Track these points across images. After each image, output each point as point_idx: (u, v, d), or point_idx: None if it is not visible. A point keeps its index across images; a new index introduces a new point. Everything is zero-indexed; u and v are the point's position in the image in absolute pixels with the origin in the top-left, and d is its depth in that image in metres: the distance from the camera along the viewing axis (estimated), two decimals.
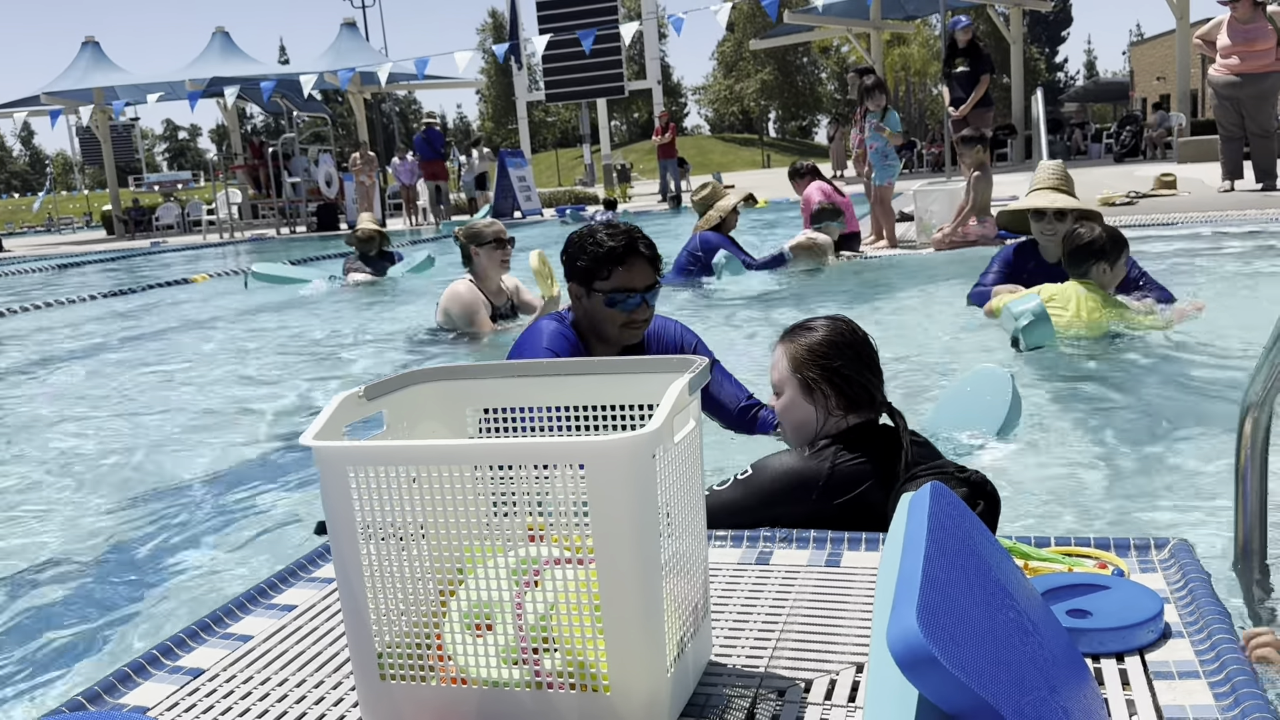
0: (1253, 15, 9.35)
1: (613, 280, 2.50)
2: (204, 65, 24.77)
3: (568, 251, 2.57)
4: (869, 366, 2.14)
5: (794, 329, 2.20)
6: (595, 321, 2.56)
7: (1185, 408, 3.26)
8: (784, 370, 2.16)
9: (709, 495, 2.15)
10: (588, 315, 2.56)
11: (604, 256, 2.49)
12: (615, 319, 2.53)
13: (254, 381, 5.24)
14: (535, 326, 2.67)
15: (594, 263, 2.50)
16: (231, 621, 1.82)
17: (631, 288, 2.50)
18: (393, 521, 1.30)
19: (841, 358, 2.12)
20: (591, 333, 2.60)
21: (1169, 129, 20.90)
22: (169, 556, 2.70)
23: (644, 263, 2.51)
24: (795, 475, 2.07)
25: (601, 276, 2.50)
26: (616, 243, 2.50)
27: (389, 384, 1.50)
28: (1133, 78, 47.80)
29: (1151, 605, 1.49)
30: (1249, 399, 1.58)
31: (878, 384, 2.14)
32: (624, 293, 2.50)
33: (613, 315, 2.52)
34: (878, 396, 2.12)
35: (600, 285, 2.51)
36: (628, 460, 1.21)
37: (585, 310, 2.56)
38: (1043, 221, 4.60)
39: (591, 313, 2.55)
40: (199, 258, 16.04)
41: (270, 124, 52.18)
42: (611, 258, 2.49)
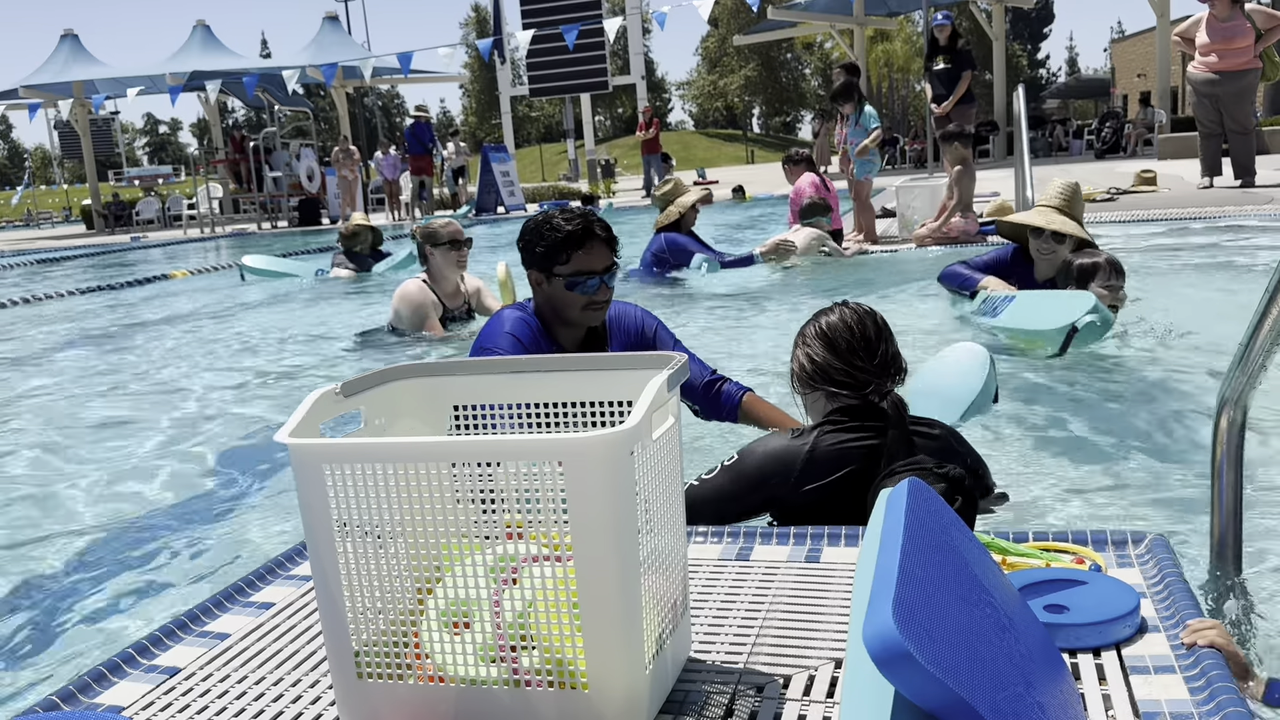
0: (1231, 13, 9.39)
1: (572, 264, 2.53)
2: (185, 59, 24.61)
3: (525, 239, 2.59)
4: (858, 352, 2.12)
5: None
6: (557, 306, 2.59)
7: (1161, 403, 3.28)
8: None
9: (697, 485, 2.15)
10: (549, 300, 2.59)
11: (561, 241, 2.52)
12: (576, 302, 2.56)
13: (231, 377, 5.20)
14: (497, 315, 2.70)
15: (552, 248, 2.53)
16: (208, 619, 1.81)
17: (591, 270, 2.53)
18: (369, 519, 1.29)
19: (822, 341, 2.13)
20: (554, 318, 2.63)
21: (1150, 125, 21.02)
22: (143, 554, 2.68)
23: (601, 245, 2.55)
24: (776, 457, 2.08)
25: (560, 261, 2.53)
26: (574, 226, 2.53)
27: (366, 381, 1.49)
28: (1114, 74, 48.06)
29: (1128, 601, 1.49)
30: (1224, 395, 1.59)
31: (870, 370, 2.12)
32: (584, 275, 2.53)
33: (573, 298, 2.56)
34: (867, 382, 2.11)
35: (560, 269, 2.54)
36: (606, 457, 1.21)
37: (546, 296, 2.59)
38: (1040, 239, 4.62)
39: (553, 297, 2.58)
40: (180, 253, 15.93)
41: (252, 118, 51.89)
42: (569, 241, 2.52)
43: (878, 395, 2.09)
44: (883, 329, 2.17)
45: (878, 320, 2.18)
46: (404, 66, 20.15)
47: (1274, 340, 1.50)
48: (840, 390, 2.10)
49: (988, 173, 15.04)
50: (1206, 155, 10.16)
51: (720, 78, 70.61)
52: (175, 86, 21.56)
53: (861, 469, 2.03)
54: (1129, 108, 36.04)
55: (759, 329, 5.34)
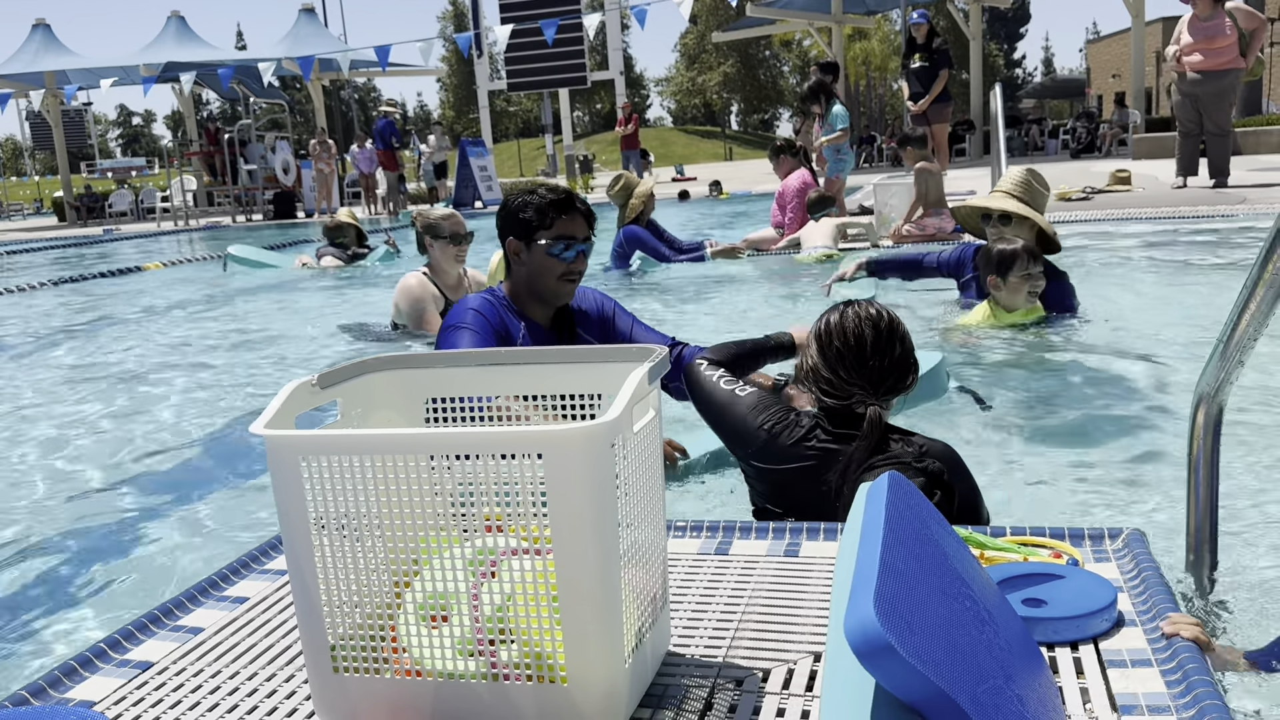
0: (1213, 12, 9.39)
1: (555, 229, 2.60)
2: (159, 50, 24.33)
3: (506, 210, 2.65)
4: (846, 361, 2.06)
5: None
6: (534, 275, 2.63)
7: (1137, 398, 3.30)
8: None
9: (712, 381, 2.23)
10: (527, 271, 2.64)
11: (547, 206, 2.61)
12: (554, 269, 2.61)
13: (207, 370, 5.15)
14: (463, 300, 2.71)
15: (538, 213, 2.60)
16: (182, 614, 1.79)
17: (572, 236, 2.61)
18: (346, 512, 1.28)
19: (818, 342, 2.09)
20: (528, 293, 2.66)
21: (1125, 125, 21.20)
22: (117, 547, 2.65)
23: (581, 216, 2.64)
24: (743, 425, 2.12)
25: (545, 226, 2.60)
26: (557, 195, 2.64)
27: (342, 372, 1.48)
28: (1089, 75, 48.47)
29: (1105, 594, 1.50)
30: (1200, 391, 1.60)
31: (854, 381, 2.05)
32: (566, 240, 2.59)
33: (552, 265, 2.61)
34: (849, 392, 2.06)
35: (543, 235, 2.60)
36: (586, 449, 1.20)
37: (524, 265, 2.64)
38: (989, 224, 4.61)
39: (531, 266, 2.63)
40: (153, 245, 15.77)
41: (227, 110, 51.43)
42: (555, 206, 2.61)
43: (861, 405, 2.04)
44: (885, 337, 2.06)
45: (882, 327, 2.06)
46: (381, 61, 20.02)
47: (1250, 337, 1.51)
48: (823, 396, 2.07)
49: (964, 171, 15.11)
50: (1183, 155, 10.20)
51: (699, 74, 70.61)
52: (149, 78, 21.33)
53: (812, 468, 2.03)
54: (1104, 108, 36.37)
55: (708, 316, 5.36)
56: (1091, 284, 5.67)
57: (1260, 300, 1.47)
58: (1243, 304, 1.50)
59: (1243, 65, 9.46)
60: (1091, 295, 5.32)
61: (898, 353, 2.05)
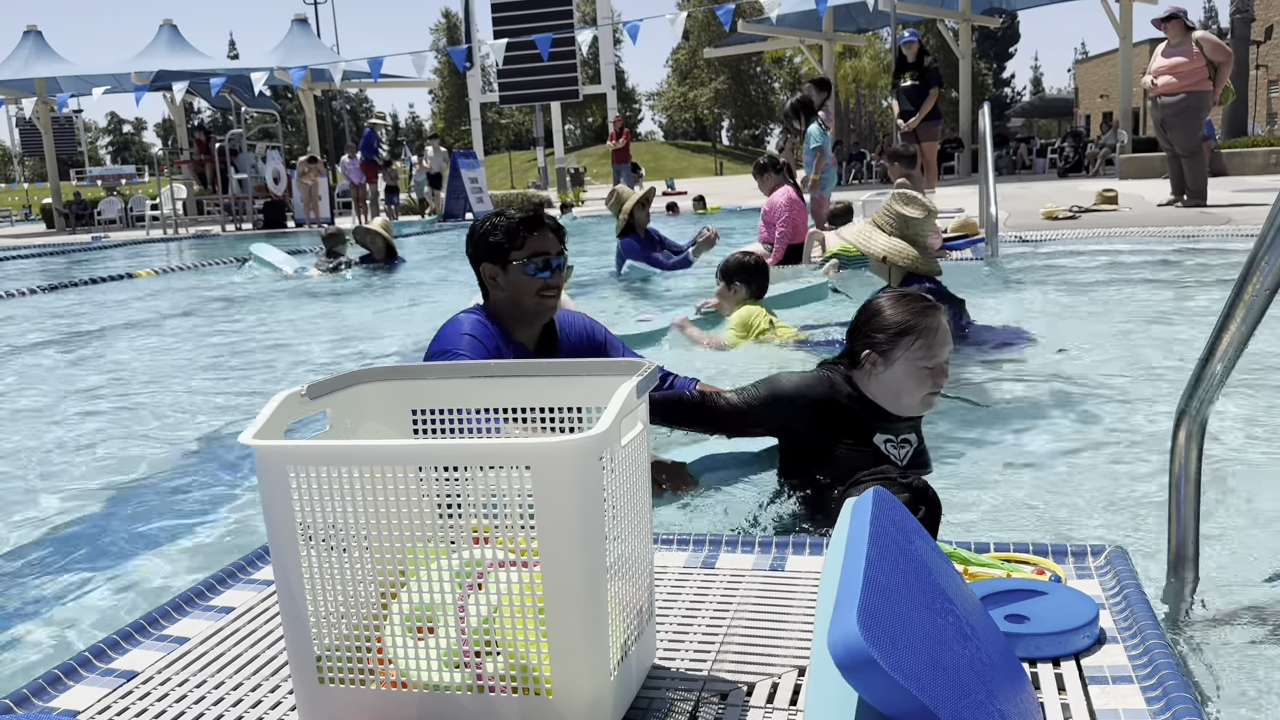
0: (1183, 39, 9.70)
1: (527, 247, 2.62)
2: (151, 58, 24.31)
3: (475, 237, 2.68)
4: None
5: None
6: (514, 296, 2.65)
7: (1119, 415, 3.32)
8: None
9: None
10: (505, 293, 2.65)
11: (516, 226, 2.63)
12: (532, 286, 2.63)
13: (197, 378, 5.13)
14: (454, 320, 2.71)
15: (507, 234, 2.63)
16: (168, 623, 1.78)
17: (545, 251, 2.63)
18: (334, 523, 1.28)
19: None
20: (510, 314, 2.67)
21: (1112, 146, 21.36)
22: (104, 555, 2.64)
23: (550, 232, 2.67)
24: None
25: (516, 246, 2.62)
26: (524, 214, 2.66)
27: (332, 383, 1.48)
28: (1077, 94, 48.81)
29: (1087, 611, 1.51)
30: (1181, 409, 1.62)
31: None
32: (540, 256, 2.62)
33: (530, 283, 2.63)
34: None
35: (516, 256, 2.62)
36: (574, 463, 1.21)
37: (502, 289, 2.65)
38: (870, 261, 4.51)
39: (509, 288, 2.64)
40: (143, 253, 15.72)
41: (218, 119, 51.42)
42: (524, 225, 2.63)
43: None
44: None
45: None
46: (374, 72, 20.06)
47: (1231, 356, 1.53)
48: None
49: (952, 189, 15.19)
50: (1173, 174, 10.45)
51: (690, 89, 70.83)
52: (141, 86, 21.30)
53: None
54: (1091, 128, 36.64)
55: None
56: (1075, 301, 5.72)
57: (1239, 321, 1.49)
58: (1221, 324, 1.52)
59: (1208, 88, 9.70)
60: (1074, 313, 5.37)
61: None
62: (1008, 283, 6.58)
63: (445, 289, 8.18)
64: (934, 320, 2.31)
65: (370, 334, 6.03)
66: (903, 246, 4.07)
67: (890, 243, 4.09)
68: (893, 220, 4.12)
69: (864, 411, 2.38)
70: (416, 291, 8.27)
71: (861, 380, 2.39)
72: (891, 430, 2.40)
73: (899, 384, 2.33)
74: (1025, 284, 6.49)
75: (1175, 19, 9.72)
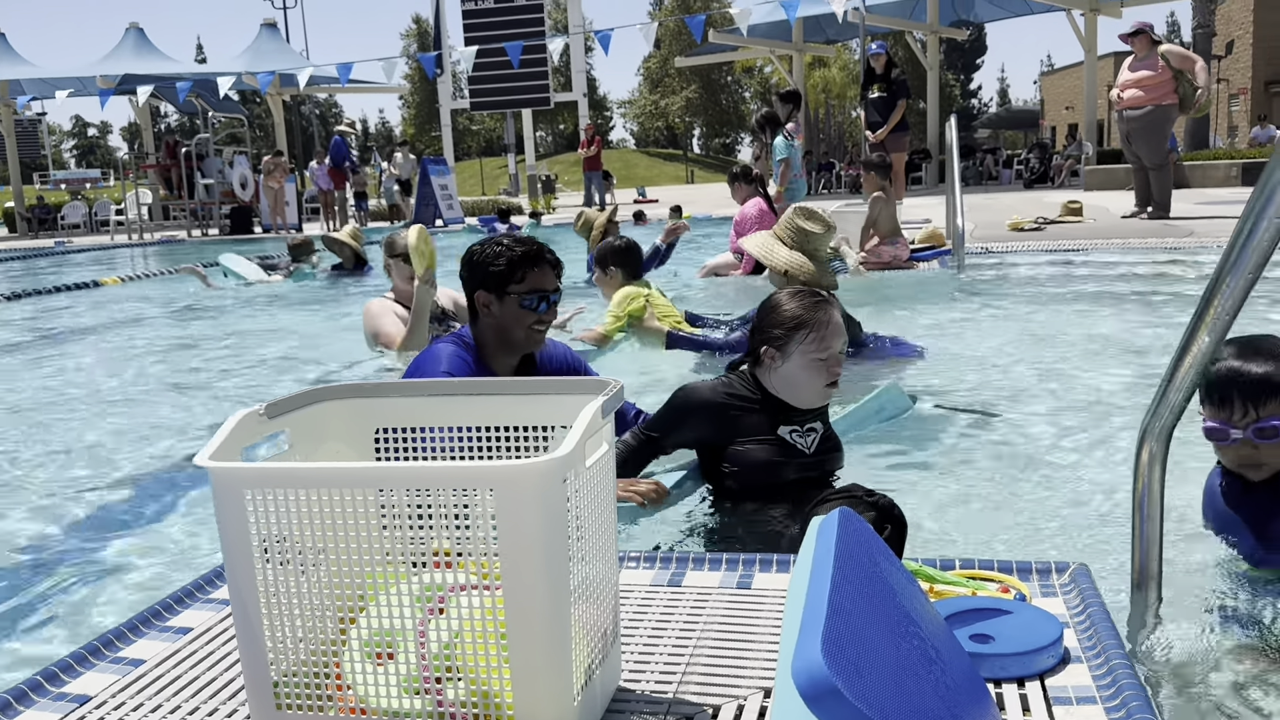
0: (1149, 52, 9.85)
1: (527, 282, 2.63)
2: (116, 61, 24.02)
3: (474, 262, 2.64)
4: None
5: None
6: (504, 327, 2.64)
7: (1084, 431, 3.34)
8: None
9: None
10: (496, 322, 2.64)
11: (519, 260, 2.63)
12: (525, 320, 2.64)
13: (157, 389, 5.05)
14: (432, 350, 2.70)
15: (509, 266, 2.63)
16: (122, 644, 1.75)
17: (544, 288, 2.64)
18: (291, 547, 1.26)
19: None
20: (497, 343, 2.67)
21: (1077, 157, 21.62)
22: (56, 575, 2.58)
23: (550, 268, 2.69)
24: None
25: (516, 279, 2.63)
26: (527, 248, 2.66)
27: (292, 401, 1.46)
28: (1043, 106, 49.44)
29: (1052, 630, 1.51)
30: (1145, 428, 1.63)
31: None
32: (537, 293, 2.63)
33: (523, 317, 2.64)
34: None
35: (515, 288, 2.63)
36: (538, 485, 1.19)
37: (494, 317, 2.64)
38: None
39: (501, 318, 2.64)
40: (108, 259, 15.52)
41: (185, 123, 50.88)
42: (526, 260, 2.63)
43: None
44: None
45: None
46: (342, 77, 19.93)
47: (1194, 376, 1.54)
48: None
49: (920, 199, 15.31)
50: (1137, 187, 10.59)
51: (662, 98, 70.99)
52: (106, 90, 21.04)
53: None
54: (1057, 139, 37.11)
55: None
56: (1041, 314, 5.77)
57: (1202, 342, 1.50)
58: (1184, 345, 1.53)
59: (1173, 101, 9.84)
60: (1039, 326, 5.41)
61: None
62: (974, 294, 6.64)
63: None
64: (825, 313, 2.44)
65: (337, 344, 5.96)
66: (802, 260, 4.21)
67: (791, 256, 4.24)
68: (794, 233, 4.25)
69: (766, 407, 2.48)
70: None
71: (764, 375, 2.50)
72: (796, 421, 2.49)
73: (796, 376, 2.45)
74: (990, 295, 6.55)
75: (1142, 34, 9.87)
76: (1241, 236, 1.43)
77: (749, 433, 2.44)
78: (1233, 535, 1.95)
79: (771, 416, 2.46)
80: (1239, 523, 1.92)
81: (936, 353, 4.77)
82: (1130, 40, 9.97)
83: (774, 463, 2.42)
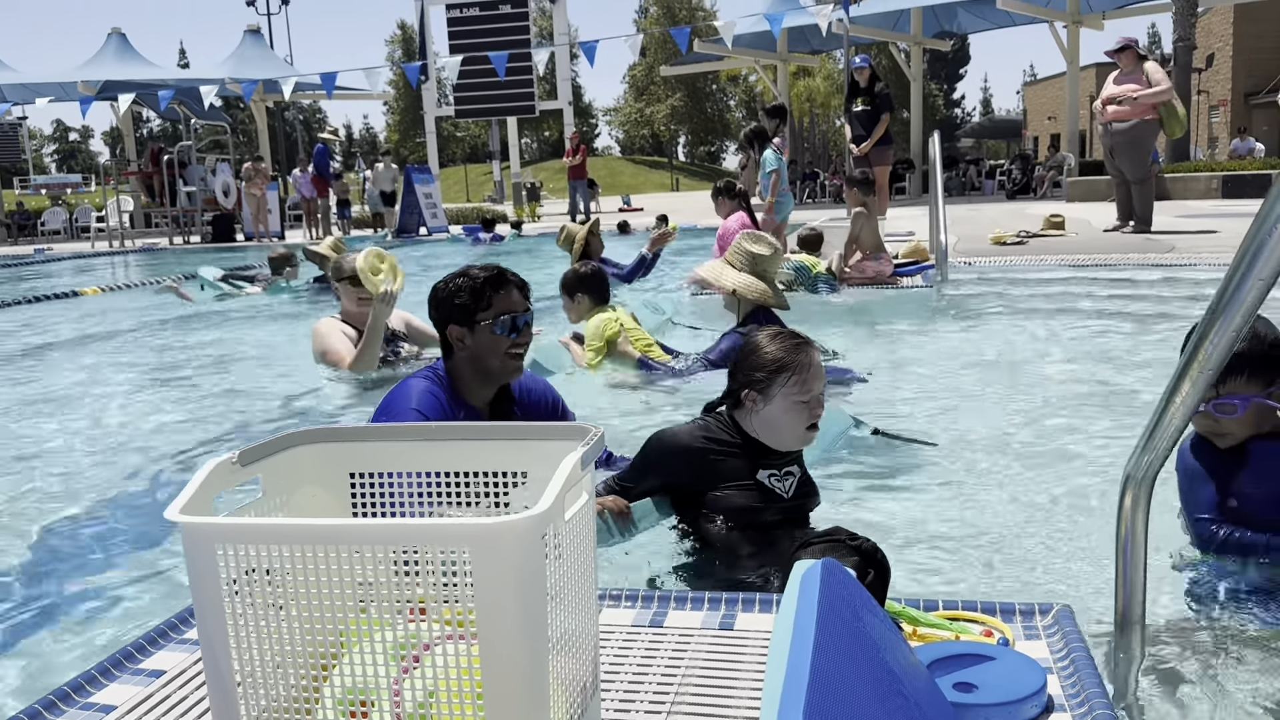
0: (1134, 68, 9.95)
1: (495, 307, 2.61)
2: (98, 67, 23.91)
3: (439, 299, 2.62)
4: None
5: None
6: (480, 358, 2.61)
7: (1068, 466, 3.31)
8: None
9: None
10: (471, 354, 2.61)
11: (481, 287, 2.60)
12: (500, 347, 2.61)
13: (132, 415, 4.93)
14: (403, 387, 2.66)
15: (473, 295, 2.60)
16: (94, 689, 1.71)
17: (513, 310, 2.62)
18: (263, 603, 1.23)
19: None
20: (474, 376, 2.64)
21: (1059, 168, 21.74)
22: (21, 615, 2.52)
23: (517, 290, 2.66)
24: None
25: (483, 307, 2.60)
26: (489, 274, 2.64)
27: (265, 448, 1.43)
28: (1026, 116, 49.78)
29: (1035, 679, 1.50)
30: (1129, 472, 1.62)
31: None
32: (507, 315, 2.60)
33: (498, 343, 2.61)
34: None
35: (483, 316, 2.60)
36: (516, 545, 1.17)
37: (468, 350, 2.61)
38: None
39: (476, 349, 2.61)
40: (89, 267, 15.40)
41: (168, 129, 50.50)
42: (489, 285, 2.61)
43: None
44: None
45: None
46: (327, 87, 19.86)
47: (1180, 421, 1.53)
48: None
49: (904, 210, 15.36)
50: (1119, 200, 10.67)
51: (647, 106, 71.09)
52: (87, 96, 20.91)
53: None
54: (1040, 149, 37.34)
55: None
56: (1021, 336, 5.76)
57: (1189, 388, 1.49)
58: (1172, 389, 1.52)
59: (1155, 117, 9.95)
60: (1020, 349, 5.39)
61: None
62: (955, 315, 6.64)
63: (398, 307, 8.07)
64: (806, 356, 2.42)
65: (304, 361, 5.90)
66: (752, 281, 4.44)
67: (740, 277, 4.47)
68: (743, 258, 4.49)
69: (745, 451, 2.45)
70: None
71: (744, 418, 2.47)
72: (774, 465, 2.47)
73: (778, 419, 2.42)
74: (971, 315, 6.55)
75: (1128, 49, 9.98)
76: (1227, 293, 1.41)
77: (728, 478, 2.41)
78: (1199, 489, 2.18)
79: (750, 460, 2.44)
80: (1205, 477, 2.18)
81: (908, 377, 4.76)
82: (1117, 56, 10.07)
83: (753, 508, 2.39)
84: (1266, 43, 33.19)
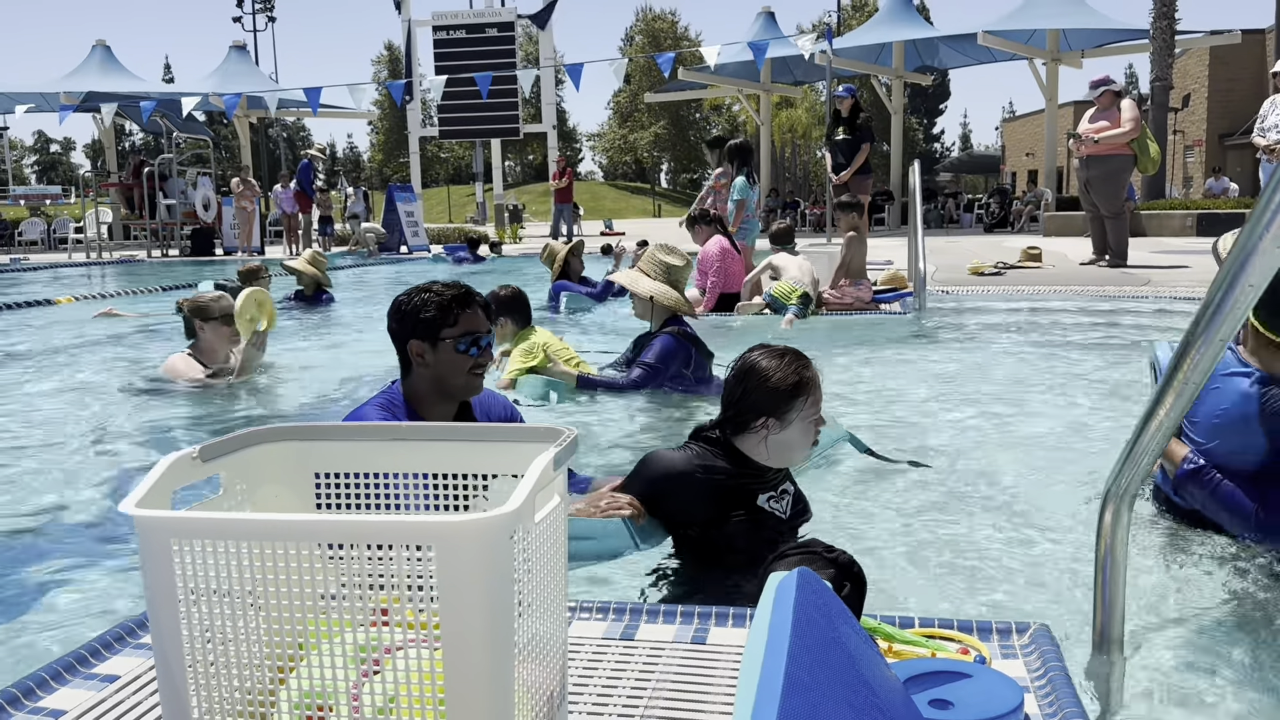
0: (1112, 104, 10.13)
1: (460, 325, 2.56)
2: (81, 78, 23.81)
3: (403, 312, 2.57)
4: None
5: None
6: (441, 375, 2.58)
7: (1047, 487, 3.31)
8: None
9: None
10: (432, 372, 2.57)
11: (448, 304, 2.56)
12: (463, 365, 2.57)
13: (94, 421, 4.86)
14: (357, 414, 2.60)
15: (441, 311, 2.56)
16: (44, 693, 1.66)
17: (477, 330, 2.58)
18: (220, 601, 1.19)
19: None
20: (434, 393, 2.60)
21: (1036, 203, 21.97)
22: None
23: (480, 310, 2.63)
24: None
25: (449, 323, 2.56)
26: (455, 291, 2.60)
27: (227, 444, 1.39)
28: (1004, 152, 50.28)
29: (1012, 697, 1.47)
30: (1109, 489, 1.60)
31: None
32: (471, 335, 2.56)
33: (461, 361, 2.57)
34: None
35: (448, 332, 2.56)
36: (483, 543, 1.13)
37: (429, 366, 2.57)
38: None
39: (437, 366, 2.57)
40: (64, 277, 15.24)
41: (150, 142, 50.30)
42: (456, 302, 2.57)
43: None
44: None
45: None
46: (312, 105, 19.83)
47: (1160, 440, 1.52)
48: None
49: (882, 240, 15.45)
50: (1095, 234, 10.81)
51: (630, 132, 71.41)
52: (67, 106, 20.78)
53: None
54: (1017, 184, 37.73)
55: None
56: (998, 361, 5.78)
57: (1169, 407, 1.48)
58: (1151, 409, 1.51)
59: (1130, 153, 10.10)
60: (996, 374, 5.41)
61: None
62: (932, 340, 6.66)
63: (371, 326, 8.01)
64: (813, 372, 2.39)
65: (290, 378, 5.84)
66: (666, 289, 4.74)
67: (655, 285, 4.74)
68: (657, 268, 4.77)
69: (742, 478, 2.38)
70: (344, 333, 8.08)
71: (747, 443, 2.38)
72: (771, 486, 2.42)
73: (794, 441, 2.36)
74: (948, 342, 6.57)
75: (1107, 89, 10.15)
76: (1206, 315, 1.40)
77: (728, 507, 2.34)
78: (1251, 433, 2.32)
79: (748, 486, 2.38)
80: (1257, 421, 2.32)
81: (888, 398, 4.76)
82: (1096, 94, 10.24)
83: (757, 536, 2.33)
84: (1240, 85, 33.72)
